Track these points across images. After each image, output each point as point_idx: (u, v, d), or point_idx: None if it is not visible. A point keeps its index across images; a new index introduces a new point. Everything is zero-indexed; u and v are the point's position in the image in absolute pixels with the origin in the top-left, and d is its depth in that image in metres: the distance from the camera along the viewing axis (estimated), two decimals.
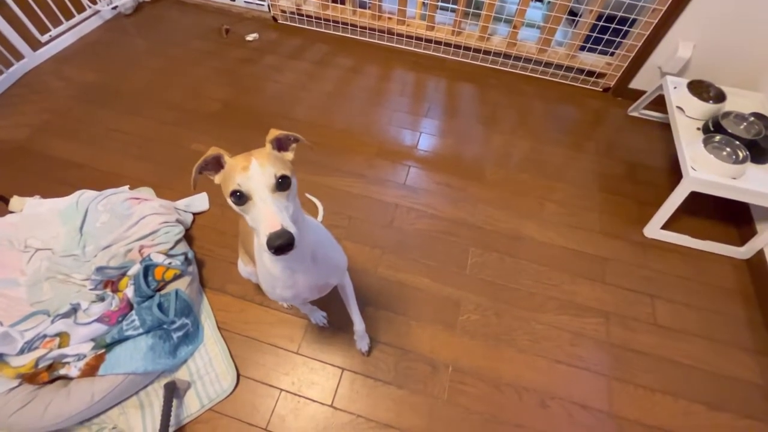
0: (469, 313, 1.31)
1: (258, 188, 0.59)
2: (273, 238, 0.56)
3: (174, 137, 1.75)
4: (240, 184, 0.59)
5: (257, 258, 0.81)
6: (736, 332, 1.30)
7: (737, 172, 1.29)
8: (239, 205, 0.61)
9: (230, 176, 0.61)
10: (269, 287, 0.84)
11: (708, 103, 1.48)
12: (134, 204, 1.33)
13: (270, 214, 0.58)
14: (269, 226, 0.57)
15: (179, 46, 2.21)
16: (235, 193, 0.60)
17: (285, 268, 0.77)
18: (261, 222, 0.58)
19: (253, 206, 0.60)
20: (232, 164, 0.63)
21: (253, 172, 0.60)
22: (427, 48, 2.17)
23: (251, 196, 0.59)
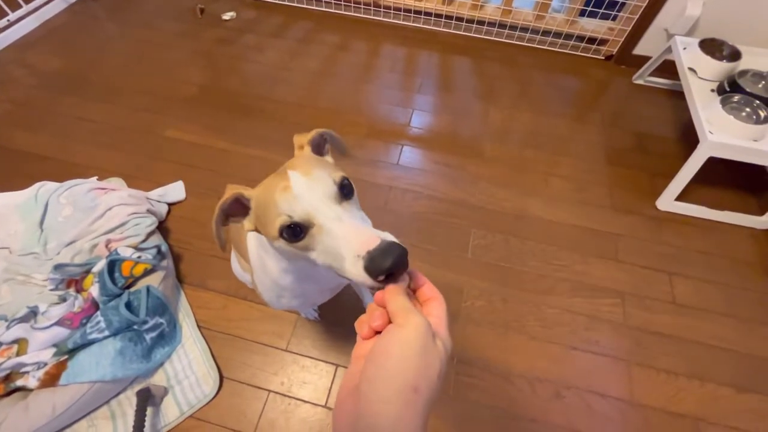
0: (473, 299, 1.20)
1: (317, 204, 0.43)
2: (378, 257, 0.37)
3: (147, 124, 1.62)
4: (289, 212, 0.43)
5: (257, 266, 0.69)
6: (761, 308, 1.20)
7: (759, 133, 1.18)
8: (298, 242, 0.44)
9: (267, 210, 0.45)
10: (273, 298, 0.72)
11: (722, 62, 1.36)
12: (100, 195, 1.20)
13: (355, 230, 0.41)
14: (363, 244, 0.39)
15: (151, 28, 2.06)
16: (287, 228, 0.43)
17: (298, 279, 0.64)
18: (345, 246, 0.41)
19: (319, 234, 0.43)
20: (262, 193, 0.48)
21: (300, 186, 0.44)
22: (417, 21, 2.04)
23: (312, 221, 0.43)
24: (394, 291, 0.36)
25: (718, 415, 1.01)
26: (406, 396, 0.29)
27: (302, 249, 0.45)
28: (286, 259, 0.59)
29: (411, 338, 0.31)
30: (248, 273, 1.00)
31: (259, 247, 0.65)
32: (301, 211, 0.43)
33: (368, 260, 0.38)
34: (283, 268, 0.62)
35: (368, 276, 0.38)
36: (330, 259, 0.43)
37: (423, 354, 0.31)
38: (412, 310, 0.33)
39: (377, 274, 0.37)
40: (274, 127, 1.62)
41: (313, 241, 0.44)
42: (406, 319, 0.33)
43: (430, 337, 0.32)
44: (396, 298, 0.35)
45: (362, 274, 0.39)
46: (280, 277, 0.64)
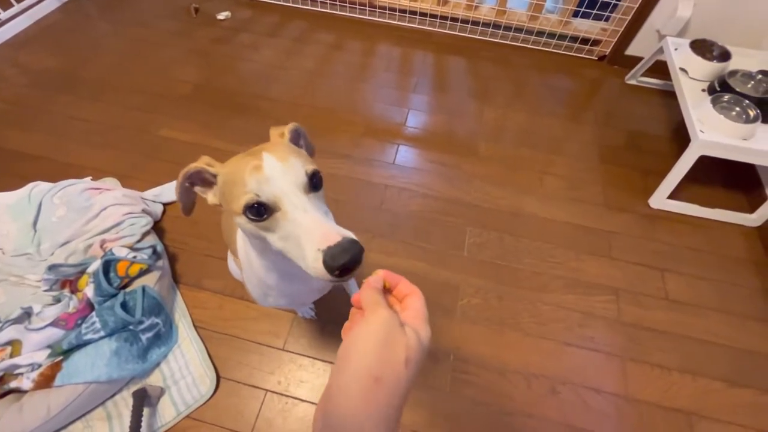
0: (469, 297, 1.21)
1: (287, 190, 0.44)
2: (336, 255, 0.39)
3: (141, 123, 1.61)
4: (257, 191, 0.43)
5: (244, 262, 0.68)
6: (752, 303, 1.22)
7: (749, 132, 1.20)
8: (259, 222, 0.44)
9: (234, 186, 0.45)
10: (260, 296, 0.72)
11: (713, 63, 1.38)
12: (94, 195, 1.19)
13: (319, 223, 0.42)
14: (323, 239, 0.40)
15: (145, 27, 2.04)
16: (251, 206, 0.44)
17: (282, 277, 0.64)
18: (306, 238, 0.42)
19: (283, 219, 0.44)
20: (231, 170, 0.47)
21: (272, 170, 0.44)
22: (412, 21, 2.04)
23: (278, 205, 0.44)
24: (365, 288, 0.36)
25: (711, 410, 1.03)
26: (367, 385, 0.28)
27: (263, 229, 0.46)
28: (260, 249, 0.59)
29: (373, 329, 0.31)
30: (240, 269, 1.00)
31: (247, 243, 0.65)
32: (270, 193, 0.44)
33: (328, 255, 0.40)
34: (265, 265, 0.62)
35: (325, 270, 0.40)
36: (289, 246, 0.44)
37: (385, 343, 0.31)
38: (380, 303, 0.34)
39: (334, 269, 0.40)
40: (269, 126, 1.61)
41: (275, 224, 0.45)
42: (373, 312, 0.33)
43: (395, 326, 0.32)
44: (366, 294, 0.36)
45: (320, 267, 0.40)
46: (265, 275, 0.64)
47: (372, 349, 0.30)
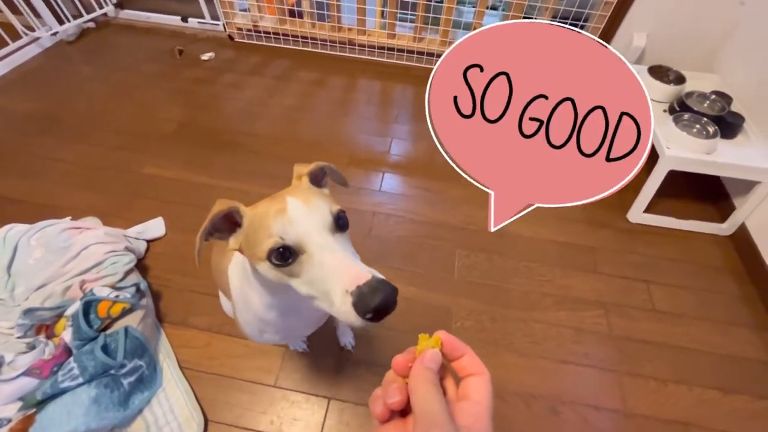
0: (462, 319, 1.20)
1: (312, 232, 0.43)
2: (366, 295, 0.36)
3: (123, 162, 1.60)
4: (281, 233, 0.42)
5: (238, 301, 0.67)
6: (734, 310, 1.26)
7: (710, 147, 1.28)
8: (284, 267, 0.43)
9: (259, 231, 0.44)
10: (255, 332, 0.70)
11: (670, 86, 1.50)
12: (74, 234, 1.16)
13: (346, 264, 0.40)
14: (351, 280, 0.38)
15: (128, 70, 2.08)
16: (276, 250, 0.42)
17: (283, 314, 0.62)
18: (333, 279, 0.40)
19: (308, 262, 0.42)
20: (257, 214, 0.47)
21: (296, 212, 0.44)
22: (390, 57, 2.15)
23: (303, 247, 0.42)
24: (422, 375, 0.28)
25: (708, 419, 1.03)
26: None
27: (287, 275, 0.44)
28: (268, 288, 0.57)
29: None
30: None
31: (243, 280, 0.64)
32: (294, 236, 0.42)
33: (357, 296, 0.37)
34: (267, 303, 0.60)
35: (355, 313, 0.37)
36: (315, 290, 0.42)
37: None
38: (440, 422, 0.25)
39: (365, 312, 0.36)
40: (254, 160, 1.64)
41: (300, 269, 0.43)
42: (427, 427, 0.25)
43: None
44: (422, 388, 0.27)
45: (350, 311, 0.37)
46: (264, 312, 0.62)
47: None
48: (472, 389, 0.29)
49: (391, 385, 0.29)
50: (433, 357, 0.30)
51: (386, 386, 0.29)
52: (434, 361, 0.29)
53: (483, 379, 0.29)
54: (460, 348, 0.31)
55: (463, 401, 0.28)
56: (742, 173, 1.29)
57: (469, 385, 0.29)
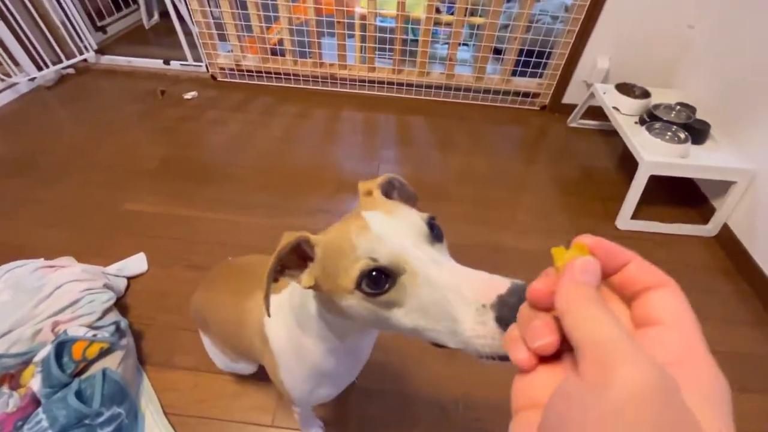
0: None
1: (409, 247, 0.35)
2: (513, 307, 0.27)
3: (102, 200, 1.54)
4: (372, 253, 0.35)
5: (287, 356, 0.58)
6: (731, 308, 1.26)
7: (684, 151, 1.35)
8: (380, 296, 0.35)
9: (340, 257, 0.37)
10: (306, 392, 0.61)
11: (638, 100, 1.59)
12: (48, 273, 1.08)
13: (467, 274, 0.32)
14: (488, 289, 0.30)
15: (108, 111, 2.06)
16: (368, 275, 0.35)
17: (343, 358, 0.57)
18: (455, 296, 0.31)
19: (412, 284, 0.34)
20: (331, 239, 0.39)
21: (383, 225, 0.36)
22: (371, 89, 2.23)
23: (402, 267, 0.34)
24: (578, 294, 0.19)
25: None
26: None
27: (385, 306, 0.35)
28: (338, 330, 0.50)
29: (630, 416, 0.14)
30: (230, 359, 0.89)
31: (294, 328, 0.55)
32: (389, 253, 0.34)
33: (502, 307, 0.28)
34: (328, 348, 0.53)
35: (501, 330, 0.28)
36: (429, 318, 0.33)
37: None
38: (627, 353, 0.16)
39: None
40: (241, 190, 1.61)
41: (403, 294, 0.34)
42: (607, 369, 0.15)
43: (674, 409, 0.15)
44: (583, 312, 0.18)
45: (493, 329, 0.28)
46: (323, 361, 0.54)
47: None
48: (657, 308, 0.19)
49: (533, 323, 0.20)
50: (586, 266, 0.20)
51: (525, 324, 0.21)
52: (589, 271, 0.20)
53: (670, 291, 0.19)
54: (619, 254, 0.21)
55: (649, 328, 0.19)
56: (718, 174, 1.35)
57: (651, 304, 0.19)
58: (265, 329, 0.61)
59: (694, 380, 0.16)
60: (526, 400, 0.20)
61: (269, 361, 0.62)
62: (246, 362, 0.90)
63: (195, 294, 0.88)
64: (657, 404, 0.14)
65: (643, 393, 0.14)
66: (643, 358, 0.15)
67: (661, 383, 0.15)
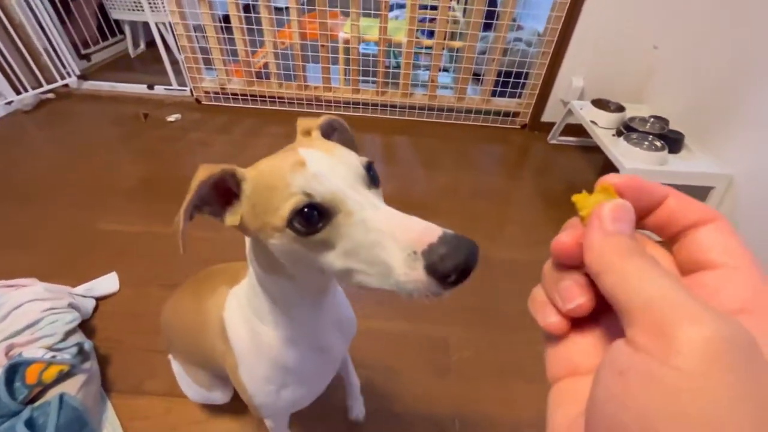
0: (461, 350, 1.10)
1: (345, 186, 0.34)
2: (447, 252, 0.28)
3: (74, 220, 1.46)
4: (307, 189, 0.33)
5: (245, 346, 0.54)
6: None
7: (662, 158, 1.38)
8: (312, 235, 0.33)
9: (272, 192, 0.34)
10: (272, 394, 0.55)
11: (614, 113, 1.65)
12: (7, 292, 0.99)
13: (402, 219, 0.32)
14: (418, 236, 0.29)
15: (88, 134, 2.02)
16: (300, 212, 0.32)
17: (307, 348, 0.53)
18: (390, 240, 0.30)
19: (347, 224, 0.32)
20: (262, 174, 0.37)
21: (320, 164, 0.34)
22: (356, 110, 2.26)
23: (337, 206, 0.33)
24: (613, 247, 0.16)
25: None
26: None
27: (315, 247, 0.34)
28: (284, 302, 0.47)
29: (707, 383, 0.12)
30: (203, 386, 0.82)
31: (250, 315, 0.51)
32: (325, 191, 0.33)
33: (431, 255, 0.28)
34: (285, 336, 0.50)
35: (429, 279, 0.28)
36: (360, 261, 0.32)
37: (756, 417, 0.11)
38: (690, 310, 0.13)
39: (446, 275, 0.28)
40: None
41: (335, 234, 0.33)
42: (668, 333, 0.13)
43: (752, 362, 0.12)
44: (624, 266, 0.15)
45: (419, 276, 0.28)
46: (284, 351, 0.51)
47: None
48: (708, 249, 0.16)
49: (562, 284, 0.18)
50: (618, 213, 0.16)
51: (552, 286, 0.18)
52: (622, 219, 0.16)
53: (721, 226, 0.16)
54: (653, 190, 0.18)
55: (701, 273, 0.16)
56: (697, 180, 1.38)
57: (699, 244, 0.16)
58: (225, 324, 0.56)
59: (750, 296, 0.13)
60: (565, 368, 0.18)
61: (230, 362, 0.56)
62: (221, 389, 0.83)
63: (163, 310, 0.81)
64: (736, 364, 0.12)
65: (717, 354, 0.12)
66: (708, 312, 0.13)
67: (736, 338, 0.12)
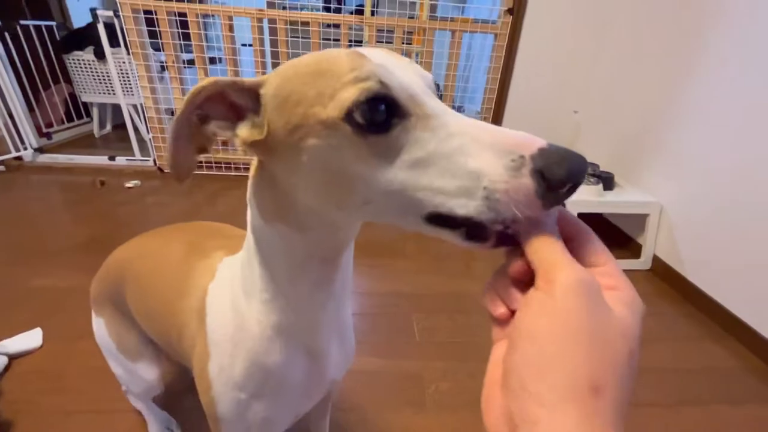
0: (437, 382, 1.01)
1: (422, 90, 0.27)
2: (561, 157, 0.22)
3: (3, 278, 1.30)
4: (380, 76, 0.26)
5: (223, 333, 0.44)
6: (680, 327, 1.29)
7: (599, 191, 1.54)
8: (377, 134, 0.26)
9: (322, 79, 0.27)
10: (239, 402, 0.44)
11: None
12: None
13: (491, 128, 0.25)
14: (521, 142, 0.23)
15: (35, 200, 1.92)
16: (369, 102, 0.26)
17: (294, 342, 0.43)
18: (479, 148, 0.24)
19: (423, 129, 0.26)
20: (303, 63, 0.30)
21: (390, 60, 0.28)
22: None
23: (414, 107, 0.26)
24: (541, 239, 0.23)
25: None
26: (581, 399, 0.18)
27: (373, 153, 0.26)
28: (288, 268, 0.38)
29: (566, 304, 0.20)
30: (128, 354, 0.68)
31: (240, 296, 0.43)
32: (400, 88, 0.26)
33: (546, 159, 0.22)
34: (276, 323, 0.41)
35: (541, 188, 0.22)
36: (434, 174, 0.25)
37: (597, 329, 0.20)
38: (568, 260, 0.22)
39: (561, 182, 0.22)
40: None
41: (405, 139, 0.26)
42: (562, 275, 0.21)
43: (596, 297, 0.21)
44: (544, 248, 0.23)
45: (528, 183, 0.22)
46: (268, 345, 0.42)
47: (573, 339, 0.20)
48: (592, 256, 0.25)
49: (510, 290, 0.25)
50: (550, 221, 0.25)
51: (504, 289, 0.26)
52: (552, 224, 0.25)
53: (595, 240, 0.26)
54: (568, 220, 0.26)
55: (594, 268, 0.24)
56: (633, 208, 1.54)
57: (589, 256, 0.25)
58: (207, 299, 0.47)
59: (621, 295, 0.22)
60: (503, 336, 0.25)
61: (200, 350, 0.47)
62: (149, 363, 0.69)
63: (118, 249, 0.71)
64: (587, 293, 0.21)
65: (578, 286, 0.21)
66: (576, 267, 0.22)
67: (589, 280, 0.21)
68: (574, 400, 0.18)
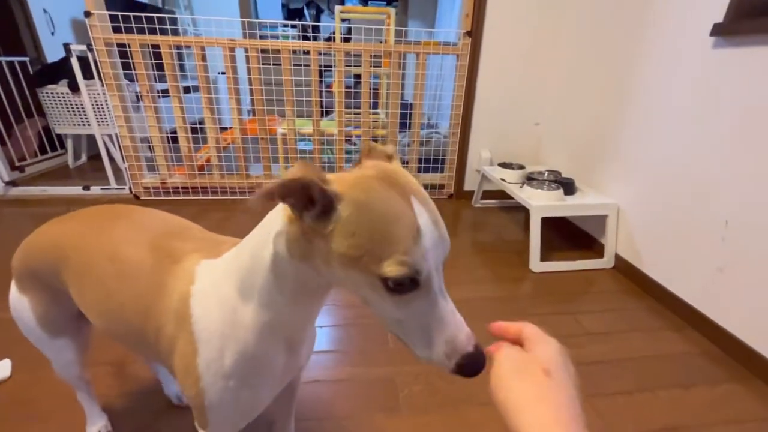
0: (409, 385, 1.04)
1: (436, 269, 0.38)
2: (472, 364, 0.38)
3: None
4: (418, 266, 0.35)
5: (216, 327, 0.48)
6: (644, 320, 1.35)
7: (560, 195, 1.62)
8: (396, 296, 0.37)
9: (384, 239, 0.35)
10: (227, 389, 0.49)
11: (517, 171, 1.95)
12: None
13: (454, 317, 0.39)
14: (464, 340, 0.38)
15: (8, 233, 1.89)
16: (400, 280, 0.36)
17: (282, 342, 0.50)
18: (444, 329, 0.38)
19: (420, 300, 0.37)
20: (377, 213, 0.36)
21: (430, 238, 0.37)
22: None
23: (427, 284, 0.37)
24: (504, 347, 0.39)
25: (685, 416, 0.95)
26: None
27: (387, 296, 0.37)
28: (294, 291, 0.45)
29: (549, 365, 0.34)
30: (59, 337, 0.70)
31: (234, 298, 0.47)
32: (427, 272, 0.36)
33: (465, 359, 0.38)
34: (268, 322, 0.46)
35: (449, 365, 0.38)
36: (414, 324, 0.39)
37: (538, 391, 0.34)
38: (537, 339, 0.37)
39: (462, 374, 0.38)
40: None
41: (407, 302, 0.38)
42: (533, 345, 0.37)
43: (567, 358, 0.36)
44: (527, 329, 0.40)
45: (443, 362, 0.38)
46: (258, 339, 0.47)
47: None
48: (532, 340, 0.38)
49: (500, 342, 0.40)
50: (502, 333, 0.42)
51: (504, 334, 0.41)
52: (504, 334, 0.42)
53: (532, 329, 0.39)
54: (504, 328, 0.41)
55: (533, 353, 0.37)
56: (593, 210, 1.62)
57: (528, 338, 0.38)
58: (190, 302, 0.49)
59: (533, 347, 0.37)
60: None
61: (184, 347, 0.48)
62: (72, 337, 0.71)
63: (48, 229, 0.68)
64: (564, 366, 0.34)
65: (557, 358, 0.35)
66: (552, 340, 0.37)
67: (563, 352, 0.36)
68: None
